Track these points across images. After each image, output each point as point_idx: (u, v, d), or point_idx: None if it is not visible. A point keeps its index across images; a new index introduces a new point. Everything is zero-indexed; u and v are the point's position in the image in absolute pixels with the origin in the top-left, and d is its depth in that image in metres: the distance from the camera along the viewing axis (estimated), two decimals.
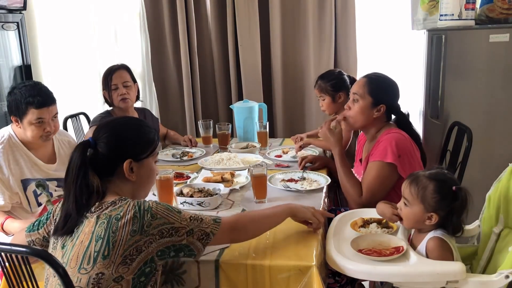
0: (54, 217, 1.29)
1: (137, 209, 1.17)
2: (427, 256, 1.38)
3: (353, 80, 2.60)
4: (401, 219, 1.46)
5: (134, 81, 2.54)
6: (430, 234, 1.40)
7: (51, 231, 1.27)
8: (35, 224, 1.33)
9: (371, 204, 1.69)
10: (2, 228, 1.81)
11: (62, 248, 1.20)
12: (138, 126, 1.36)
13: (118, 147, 1.28)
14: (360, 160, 2.02)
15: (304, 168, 2.18)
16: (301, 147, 2.44)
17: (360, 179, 1.92)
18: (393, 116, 1.94)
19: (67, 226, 1.21)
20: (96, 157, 1.26)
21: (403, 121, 1.90)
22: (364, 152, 2.00)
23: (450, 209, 1.37)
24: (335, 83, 2.51)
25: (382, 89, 1.86)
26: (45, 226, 1.31)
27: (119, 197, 1.23)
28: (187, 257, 1.27)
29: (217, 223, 1.27)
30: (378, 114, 1.86)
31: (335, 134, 1.92)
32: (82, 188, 1.21)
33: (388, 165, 1.75)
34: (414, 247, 1.44)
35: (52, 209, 1.33)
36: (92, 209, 1.21)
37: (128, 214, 1.16)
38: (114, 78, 2.44)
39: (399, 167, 1.75)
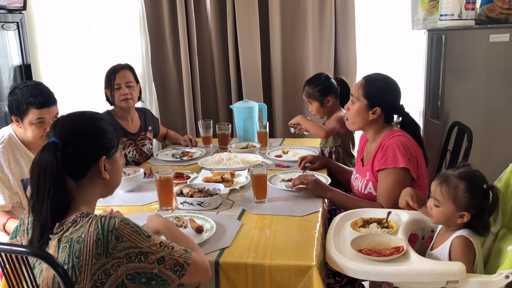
0: (24, 228, 1.22)
1: (100, 230, 1.07)
2: (450, 254, 1.39)
3: (341, 82, 2.62)
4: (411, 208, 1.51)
5: (137, 81, 2.55)
6: (458, 233, 1.40)
7: (24, 242, 1.21)
8: (14, 230, 1.27)
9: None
10: (4, 228, 1.81)
11: (34, 268, 1.14)
12: (100, 120, 1.25)
13: (91, 145, 1.20)
14: (362, 160, 2.01)
15: (304, 168, 2.18)
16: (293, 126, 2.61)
17: (361, 179, 1.92)
18: (395, 116, 1.93)
19: (44, 238, 1.13)
20: (66, 160, 1.14)
21: (407, 122, 1.89)
22: (366, 153, 1.99)
23: (481, 207, 1.38)
24: (322, 88, 2.52)
25: (377, 92, 1.86)
26: (20, 234, 1.24)
27: (80, 214, 1.14)
28: (160, 287, 1.16)
29: (188, 253, 1.18)
30: (374, 116, 1.86)
31: (316, 185, 1.86)
32: (60, 196, 1.13)
33: (402, 170, 1.75)
34: (438, 244, 1.45)
35: (22, 218, 1.25)
36: (54, 230, 1.12)
37: (90, 236, 1.06)
38: (118, 78, 2.44)
39: (411, 170, 1.75)
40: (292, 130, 2.71)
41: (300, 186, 1.86)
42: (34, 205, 1.14)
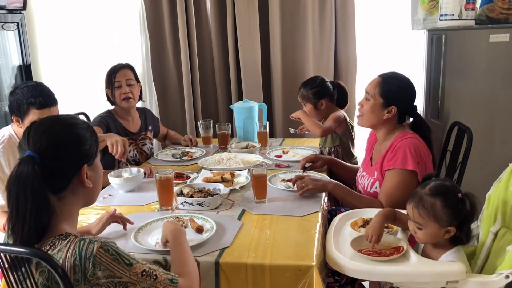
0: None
1: (78, 256, 1.02)
2: None
3: (338, 86, 2.63)
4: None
5: (138, 80, 2.55)
6: (447, 257, 1.38)
7: None
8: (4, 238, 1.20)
9: None
10: (4, 229, 1.81)
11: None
12: (76, 125, 1.16)
13: (71, 155, 1.11)
14: (371, 159, 1.99)
15: (303, 168, 2.17)
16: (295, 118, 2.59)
17: (368, 177, 1.91)
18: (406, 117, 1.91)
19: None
20: (45, 174, 1.05)
21: (418, 124, 1.88)
22: (375, 152, 1.97)
23: (463, 217, 1.36)
24: (317, 91, 2.55)
25: (394, 91, 1.83)
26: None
27: (59, 235, 1.08)
28: None
29: (174, 284, 1.11)
30: (389, 115, 1.83)
31: (315, 181, 1.85)
32: (43, 215, 1.05)
33: (409, 173, 1.73)
34: None
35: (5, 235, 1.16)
36: None
37: (67, 262, 1.02)
38: (118, 77, 2.45)
39: (419, 173, 1.73)
40: (292, 130, 2.71)
41: (304, 189, 1.83)
42: (14, 226, 1.05)
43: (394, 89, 1.83)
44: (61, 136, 1.12)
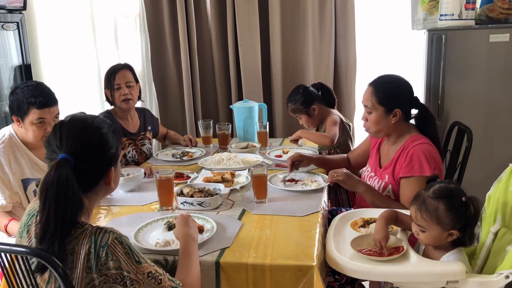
0: (30, 236, 1.16)
1: (93, 243, 1.05)
2: None
3: (321, 86, 2.63)
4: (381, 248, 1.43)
5: (137, 81, 2.55)
6: (449, 257, 1.38)
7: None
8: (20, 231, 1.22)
9: None
10: (6, 230, 1.81)
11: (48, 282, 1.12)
12: (103, 128, 1.19)
13: (101, 160, 1.17)
14: (379, 159, 1.96)
15: (291, 169, 2.06)
16: (295, 141, 2.54)
17: (378, 180, 1.89)
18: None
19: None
20: (77, 176, 1.08)
21: (423, 116, 1.85)
22: (384, 153, 1.94)
23: (466, 221, 1.35)
24: (304, 100, 2.57)
25: (390, 94, 1.80)
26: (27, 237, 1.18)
27: (75, 225, 1.10)
28: None
29: None
30: (395, 119, 1.80)
31: (348, 177, 1.82)
32: (78, 216, 1.09)
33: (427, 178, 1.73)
34: None
35: (28, 223, 1.18)
36: None
37: (83, 248, 1.05)
38: (117, 78, 2.44)
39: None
40: (300, 142, 2.63)
41: (333, 179, 1.81)
42: (48, 228, 1.03)
43: (389, 92, 1.81)
44: (94, 141, 1.16)
